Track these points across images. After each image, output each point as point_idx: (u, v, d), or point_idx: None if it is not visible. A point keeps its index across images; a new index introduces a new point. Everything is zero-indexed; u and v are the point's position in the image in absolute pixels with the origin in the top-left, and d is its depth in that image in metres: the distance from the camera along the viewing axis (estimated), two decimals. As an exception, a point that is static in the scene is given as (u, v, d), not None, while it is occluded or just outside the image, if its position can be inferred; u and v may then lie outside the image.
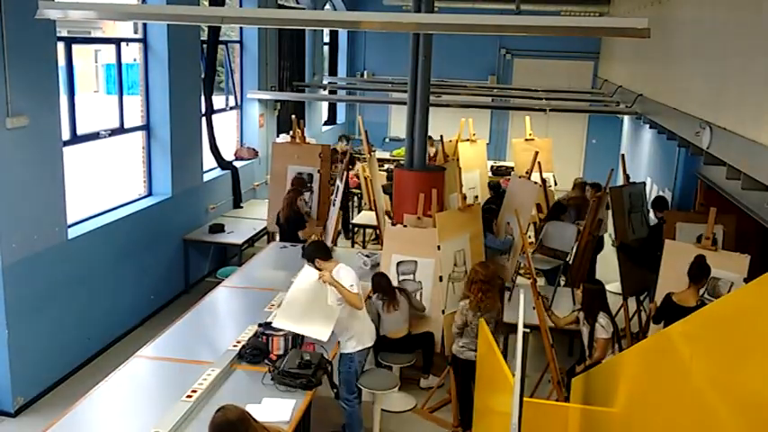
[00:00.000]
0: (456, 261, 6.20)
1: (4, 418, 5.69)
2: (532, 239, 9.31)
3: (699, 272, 5.25)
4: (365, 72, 16.09)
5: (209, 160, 9.35)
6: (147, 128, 7.92)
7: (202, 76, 8.97)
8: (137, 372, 4.59)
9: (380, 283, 6.00)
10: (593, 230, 7.74)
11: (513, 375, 3.16)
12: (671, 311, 5.17)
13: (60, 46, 6.15)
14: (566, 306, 6.54)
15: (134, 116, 7.82)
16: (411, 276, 6.22)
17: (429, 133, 7.48)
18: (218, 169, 9.71)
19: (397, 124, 15.91)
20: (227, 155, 10.14)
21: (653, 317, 5.65)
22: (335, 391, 5.10)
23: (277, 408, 4.21)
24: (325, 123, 15.03)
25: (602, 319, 5.17)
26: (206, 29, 9.10)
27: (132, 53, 9.88)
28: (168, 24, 7.62)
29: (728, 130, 4.67)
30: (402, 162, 8.01)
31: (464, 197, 6.70)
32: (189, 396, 4.13)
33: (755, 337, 1.77)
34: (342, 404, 5.25)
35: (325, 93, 14.55)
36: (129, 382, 4.45)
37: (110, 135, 7.28)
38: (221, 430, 3.11)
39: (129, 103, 7.66)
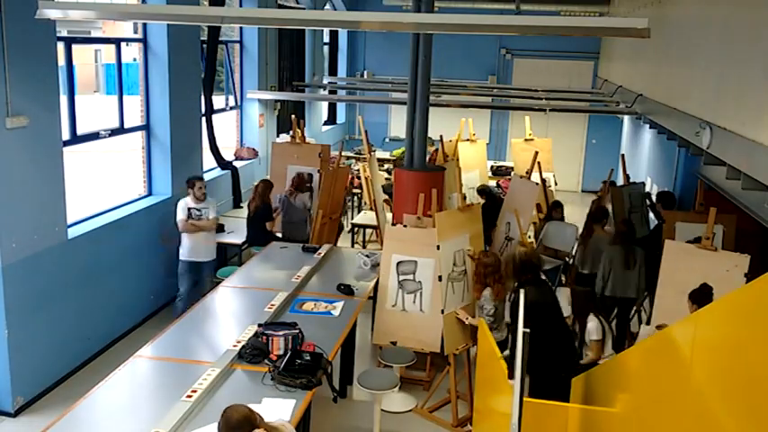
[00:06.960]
0: (456, 261, 6.19)
1: (4, 418, 5.69)
2: (532, 239, 9.32)
3: (701, 297, 4.88)
4: (365, 72, 16.09)
5: (209, 160, 9.34)
6: (146, 128, 7.91)
7: (202, 76, 8.97)
8: (137, 372, 4.58)
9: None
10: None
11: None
12: None
13: (60, 46, 6.15)
14: (565, 306, 6.53)
15: (134, 116, 7.81)
16: (411, 276, 6.22)
17: (429, 133, 7.48)
18: (218, 169, 9.71)
19: (397, 124, 15.91)
20: (227, 155, 10.13)
21: None
22: (335, 394, 5.09)
23: (277, 408, 4.20)
24: (325, 123, 15.03)
25: (590, 322, 5.20)
26: (206, 29, 9.09)
27: (132, 53, 9.88)
28: (168, 24, 7.62)
29: (728, 130, 4.67)
30: (402, 161, 8.01)
31: (464, 197, 6.69)
32: (189, 396, 4.13)
33: (755, 337, 1.77)
34: None
35: (326, 93, 14.55)
36: (129, 382, 4.45)
37: (110, 135, 7.28)
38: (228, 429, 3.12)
39: (129, 103, 7.65)
